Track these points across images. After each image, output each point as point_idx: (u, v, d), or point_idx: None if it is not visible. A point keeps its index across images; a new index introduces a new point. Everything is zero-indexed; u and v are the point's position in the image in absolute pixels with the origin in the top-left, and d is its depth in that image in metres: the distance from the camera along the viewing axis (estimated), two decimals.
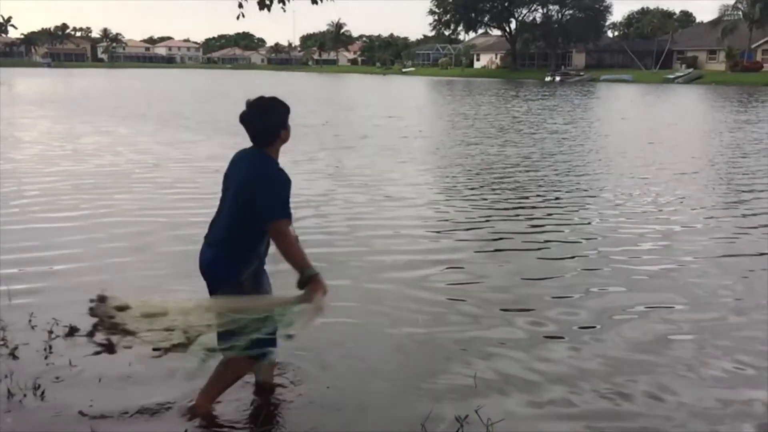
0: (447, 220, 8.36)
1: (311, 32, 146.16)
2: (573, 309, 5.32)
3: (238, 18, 6.55)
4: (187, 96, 37.61)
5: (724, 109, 30.35)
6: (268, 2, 6.46)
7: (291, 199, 3.28)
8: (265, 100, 3.39)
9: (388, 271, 6.27)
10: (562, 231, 7.88)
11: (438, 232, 7.79)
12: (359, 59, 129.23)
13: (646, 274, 6.27)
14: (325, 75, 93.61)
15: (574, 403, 3.84)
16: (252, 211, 3.19)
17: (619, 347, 4.60)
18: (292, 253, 3.18)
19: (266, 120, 3.33)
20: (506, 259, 6.73)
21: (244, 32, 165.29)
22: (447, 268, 6.38)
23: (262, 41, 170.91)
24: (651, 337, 4.79)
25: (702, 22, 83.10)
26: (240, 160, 3.40)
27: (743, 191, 10.52)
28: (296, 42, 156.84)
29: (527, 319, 5.09)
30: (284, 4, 6.56)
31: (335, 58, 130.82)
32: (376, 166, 12.57)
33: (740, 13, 67.41)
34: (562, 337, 4.78)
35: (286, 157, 3.56)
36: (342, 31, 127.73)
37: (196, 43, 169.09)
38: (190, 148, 14.83)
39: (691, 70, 67.83)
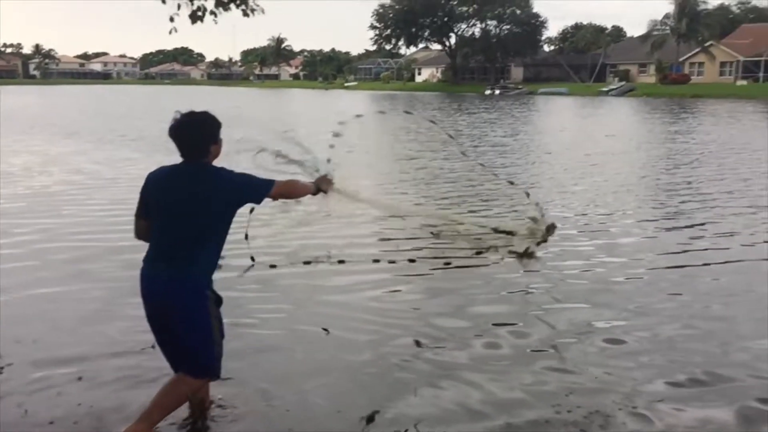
0: (391, 239, 8.31)
1: (252, 47, 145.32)
2: (522, 328, 5.30)
3: (170, 33, 6.42)
4: (124, 112, 36.72)
5: (656, 120, 31.42)
6: (200, 14, 6.36)
7: (235, 218, 3.37)
8: (196, 114, 3.33)
9: (333, 291, 6.19)
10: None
11: (383, 250, 7.74)
12: (301, 74, 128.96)
13: (590, 287, 6.34)
14: (267, 90, 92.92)
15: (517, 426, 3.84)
16: (223, 219, 3.29)
17: (571, 364, 4.61)
18: (299, 188, 3.57)
19: (197, 134, 3.27)
20: (452, 276, 6.72)
21: (182, 47, 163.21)
22: (393, 287, 6.33)
23: (201, 56, 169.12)
24: (601, 352, 4.84)
25: (632, 36, 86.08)
26: (177, 176, 3.30)
27: (680, 201, 10.83)
28: (237, 57, 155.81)
29: (476, 340, 5.06)
30: (215, 16, 6.46)
31: (277, 72, 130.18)
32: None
33: (668, 27, 70.11)
34: (514, 357, 4.77)
35: None
36: (283, 45, 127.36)
37: (132, 58, 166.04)
38: (127, 166, 14.43)
39: (623, 83, 70.08)
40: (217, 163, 3.41)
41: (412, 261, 6.55)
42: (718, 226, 8.79)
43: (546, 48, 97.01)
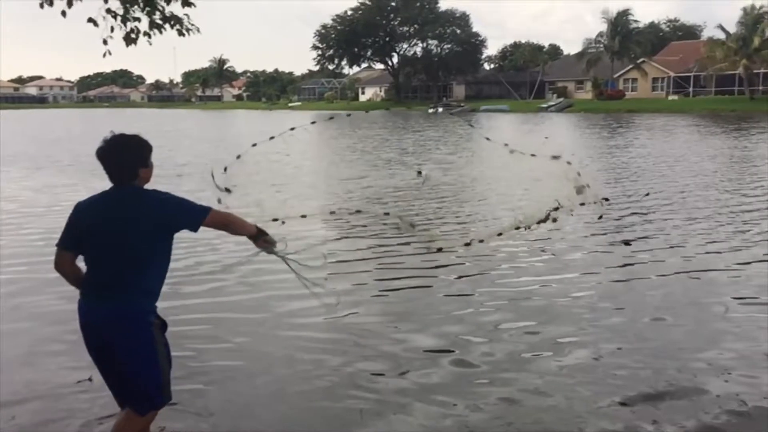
0: (339, 261, 8.23)
1: (194, 68, 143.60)
2: (475, 348, 5.29)
3: (105, 56, 6.24)
4: (60, 137, 35.66)
5: (595, 135, 32.26)
6: (134, 36, 6.21)
7: (175, 242, 3.26)
8: (125, 137, 3.22)
9: (288, 316, 6.09)
10: (448, 260, 7.94)
11: (333, 270, 7.64)
12: (244, 95, 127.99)
13: (540, 305, 6.39)
14: (209, 111, 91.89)
15: None
16: (159, 243, 3.18)
17: (524, 384, 4.60)
18: (238, 224, 3.41)
19: (125, 157, 3.16)
20: (404, 297, 6.68)
21: (122, 69, 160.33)
22: (346, 310, 6.24)
23: (141, 78, 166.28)
24: (554, 371, 4.84)
25: (569, 54, 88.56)
26: (107, 202, 3.18)
27: (622, 215, 11.07)
28: (178, 79, 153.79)
29: (431, 363, 5.02)
30: (149, 37, 6.32)
31: (219, 94, 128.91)
32: (264, 204, 12.27)
33: (602, 45, 72.42)
34: (465, 378, 4.74)
35: None
36: (225, 66, 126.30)
37: (69, 81, 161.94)
38: (64, 192, 13.97)
39: (562, 99, 71.85)
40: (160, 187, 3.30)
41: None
42: (659, 239, 9.00)
43: (486, 66, 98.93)
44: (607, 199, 4.25)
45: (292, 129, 4.43)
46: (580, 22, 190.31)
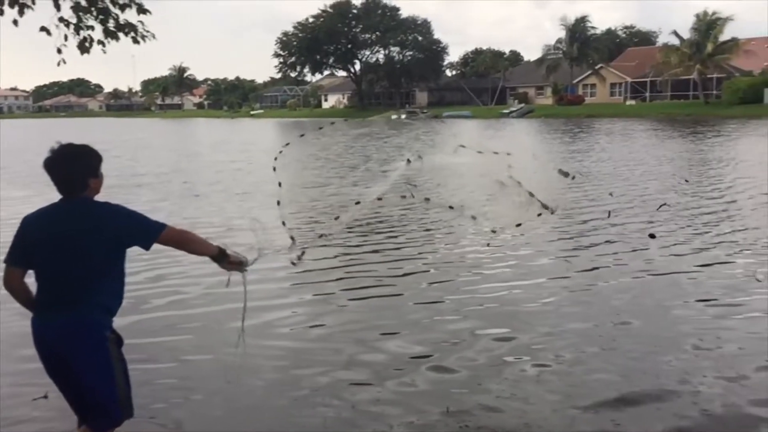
0: (306, 271, 8.13)
1: (153, 77, 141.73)
2: (443, 356, 5.26)
3: (59, 64, 6.06)
4: (14, 147, 34.76)
5: (556, 140, 32.69)
6: (87, 44, 6.04)
7: (130, 254, 3.14)
8: (74, 147, 3.11)
9: (249, 326, 5.95)
10: (415, 267, 7.91)
11: (294, 280, 7.54)
12: (205, 103, 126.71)
13: (507, 311, 6.37)
14: (170, 120, 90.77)
15: None
16: (112, 257, 3.06)
17: (491, 391, 4.57)
18: (196, 243, 3.24)
19: (75, 168, 3.04)
20: (369, 306, 6.61)
21: (79, 78, 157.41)
22: (302, 312, 6.16)
23: (99, 87, 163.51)
24: (520, 378, 4.82)
25: (529, 60, 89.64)
26: (57, 215, 3.06)
27: (584, 219, 11.17)
28: (137, 87, 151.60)
29: (396, 372, 4.96)
30: (104, 45, 6.16)
31: (180, 102, 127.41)
32: (226, 214, 12.13)
33: (561, 52, 73.57)
34: (433, 384, 4.69)
35: None
36: (186, 74, 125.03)
37: (25, 91, 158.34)
38: (18, 205, 13.55)
39: (523, 105, 72.76)
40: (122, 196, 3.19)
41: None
42: (620, 243, 9.06)
43: (448, 73, 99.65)
44: (549, 209, 4.28)
45: (302, 135, 4.39)
46: (539, 28, 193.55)
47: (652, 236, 8.60)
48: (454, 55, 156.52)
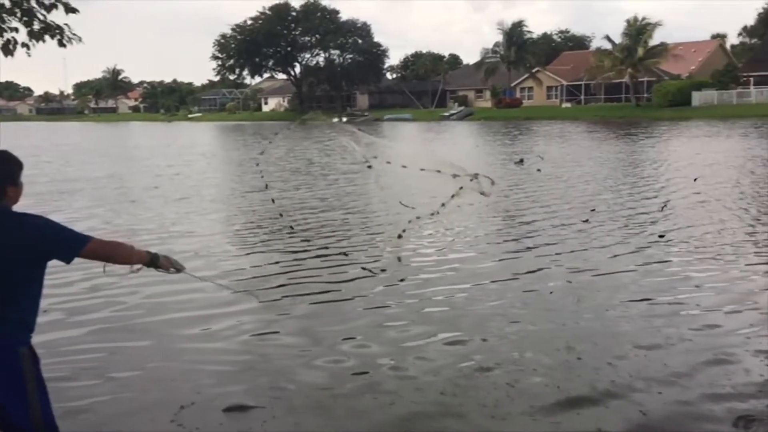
0: (242, 269, 7.94)
1: (86, 79, 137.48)
2: (390, 363, 5.19)
3: None
4: None
5: (496, 142, 33.15)
6: (11, 47, 5.75)
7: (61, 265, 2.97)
8: None
9: (182, 327, 5.80)
10: (359, 273, 7.82)
11: (231, 282, 7.35)
12: (141, 106, 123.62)
13: (452, 315, 6.36)
14: (104, 124, 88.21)
15: None
16: (31, 271, 2.88)
17: (431, 395, 4.52)
18: (119, 248, 3.03)
19: None
20: (314, 312, 6.49)
21: (7, 81, 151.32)
22: (243, 320, 6.01)
23: (29, 90, 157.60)
24: (465, 383, 4.79)
25: (468, 64, 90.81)
26: None
27: (524, 221, 11.30)
28: (69, 90, 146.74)
29: (339, 379, 4.86)
30: (28, 48, 5.88)
31: (114, 105, 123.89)
32: (163, 219, 11.79)
33: (499, 55, 74.82)
34: (376, 393, 4.61)
35: (56, 217, 3.07)
36: (120, 77, 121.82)
37: None
38: None
39: (463, 107, 73.62)
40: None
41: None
42: (561, 245, 9.18)
43: (389, 76, 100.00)
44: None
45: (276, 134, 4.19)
46: (478, 32, 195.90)
47: (661, 236, 8.66)
48: (394, 58, 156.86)
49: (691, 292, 6.72)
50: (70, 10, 5.87)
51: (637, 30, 61.58)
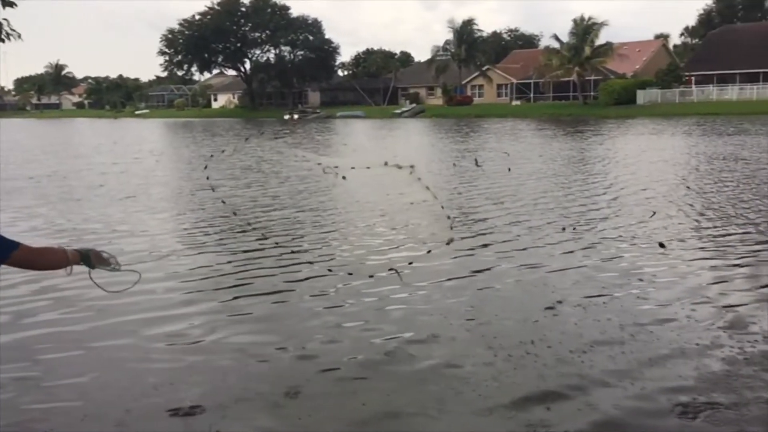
0: (192, 269, 7.73)
1: (27, 75, 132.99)
2: (318, 350, 5.10)
3: None
4: None
5: (448, 139, 33.32)
6: None
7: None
8: None
9: (133, 330, 5.60)
10: (311, 272, 7.70)
11: (181, 283, 7.15)
12: (86, 102, 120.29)
13: (400, 316, 6.30)
14: (47, 120, 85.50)
15: None
16: None
17: (381, 391, 4.46)
18: (48, 254, 2.86)
19: None
20: (255, 308, 6.34)
21: None
22: (195, 321, 5.83)
23: None
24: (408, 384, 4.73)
25: (420, 61, 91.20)
26: None
27: (477, 219, 11.33)
28: (10, 86, 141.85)
29: (280, 362, 4.75)
30: None
31: (58, 101, 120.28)
32: (109, 219, 11.42)
33: (449, 53, 75.39)
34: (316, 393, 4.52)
35: None
36: (63, 72, 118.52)
37: None
38: None
39: (414, 105, 73.96)
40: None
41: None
42: (515, 242, 9.21)
43: (340, 73, 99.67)
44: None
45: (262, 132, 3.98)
46: (429, 30, 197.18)
47: (661, 245, 8.51)
48: (345, 56, 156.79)
49: (642, 287, 6.81)
50: (7, 4, 5.60)
51: (584, 29, 62.88)
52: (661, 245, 8.54)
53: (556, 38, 65.36)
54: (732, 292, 6.60)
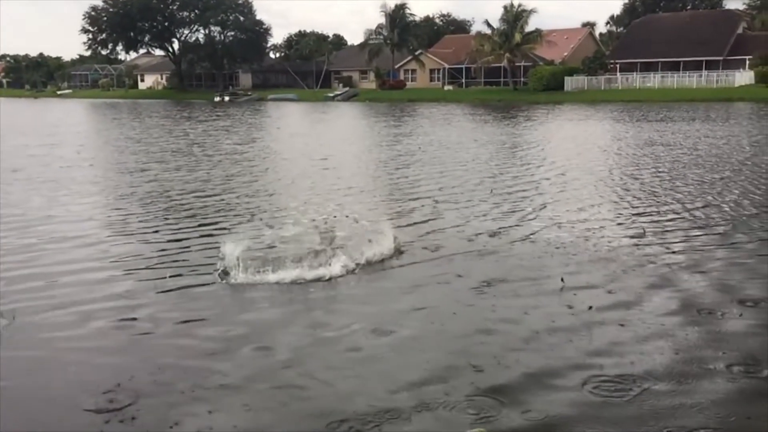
0: (121, 258, 7.49)
1: None
2: (270, 344, 5.05)
3: None
4: None
5: (381, 123, 33.33)
6: None
7: None
8: None
9: (63, 326, 5.39)
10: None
11: (111, 273, 6.92)
12: (4, 81, 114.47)
13: (335, 303, 6.29)
14: None
15: None
16: None
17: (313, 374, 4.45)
18: None
19: None
20: (189, 298, 6.21)
21: None
22: (126, 314, 5.66)
23: None
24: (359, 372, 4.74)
25: (353, 45, 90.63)
26: None
27: (413, 198, 11.38)
28: None
29: (211, 353, 4.68)
30: None
31: None
32: (30, 204, 10.93)
33: (382, 37, 75.23)
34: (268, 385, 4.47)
35: None
36: None
37: None
38: None
39: (347, 88, 73.54)
40: None
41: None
42: (427, 224, 9.27)
43: (272, 55, 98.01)
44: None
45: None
46: (362, 14, 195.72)
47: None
48: (277, 37, 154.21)
49: (569, 273, 6.95)
50: None
51: (514, 16, 63.82)
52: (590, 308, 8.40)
53: (488, 24, 66.15)
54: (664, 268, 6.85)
